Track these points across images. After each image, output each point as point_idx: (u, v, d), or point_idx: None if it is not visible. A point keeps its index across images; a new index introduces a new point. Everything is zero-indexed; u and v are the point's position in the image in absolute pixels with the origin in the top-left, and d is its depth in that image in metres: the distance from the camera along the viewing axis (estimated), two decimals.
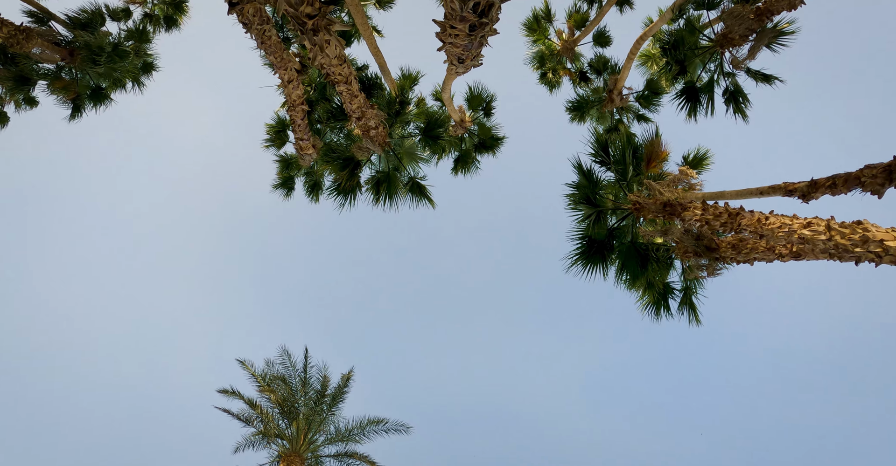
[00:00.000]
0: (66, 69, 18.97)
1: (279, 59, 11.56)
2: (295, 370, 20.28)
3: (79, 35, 18.71)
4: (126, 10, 20.66)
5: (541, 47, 18.86)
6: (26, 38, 17.46)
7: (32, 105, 19.96)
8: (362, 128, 10.88)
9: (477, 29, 6.75)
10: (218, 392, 20.09)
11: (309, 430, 19.50)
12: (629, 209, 8.55)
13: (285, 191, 15.44)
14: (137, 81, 19.79)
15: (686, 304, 9.20)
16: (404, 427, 20.06)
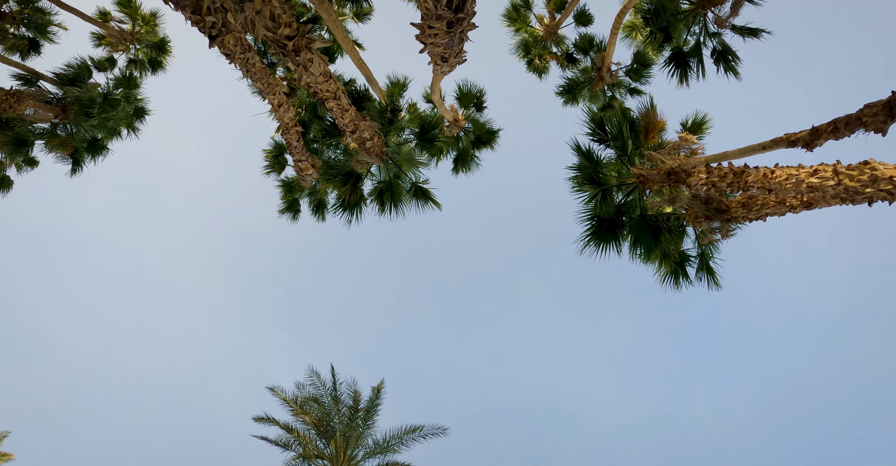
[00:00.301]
0: (61, 126, 19.24)
1: (266, 85, 11.67)
2: (325, 389, 20.36)
3: (68, 91, 18.98)
4: (111, 59, 20.95)
5: (524, 35, 18.80)
6: (18, 101, 17.75)
7: (33, 165, 20.25)
8: (357, 140, 10.94)
9: (455, 25, 6.79)
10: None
11: (347, 447, 19.51)
12: (634, 183, 8.54)
13: (292, 215, 15.52)
14: (132, 127, 20.02)
15: (704, 270, 9.14)
16: (441, 430, 20.06)
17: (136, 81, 19.98)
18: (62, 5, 19.85)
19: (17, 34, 21.10)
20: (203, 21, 11.09)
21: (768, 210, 7.08)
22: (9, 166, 20.24)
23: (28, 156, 19.43)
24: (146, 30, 21.09)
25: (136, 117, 19.91)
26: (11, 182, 20.52)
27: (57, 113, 18.85)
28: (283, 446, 19.96)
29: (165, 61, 20.97)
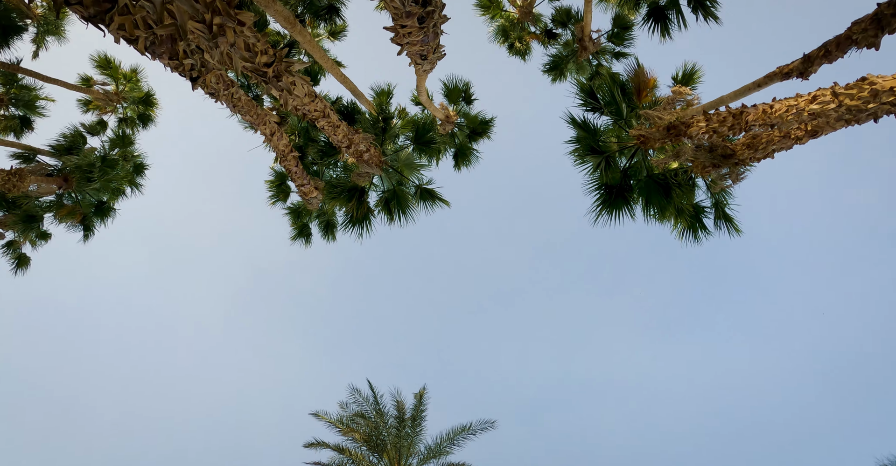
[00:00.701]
0: (66, 195, 19.53)
1: (255, 117, 11.78)
2: (369, 404, 20.43)
3: (67, 160, 19.29)
4: (101, 123, 21.27)
5: (500, 21, 18.75)
6: (20, 180, 18.04)
7: (46, 239, 20.53)
8: (354, 154, 10.99)
9: (426, 20, 6.81)
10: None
11: (400, 457, 19.46)
12: (635, 144, 8.48)
13: (304, 240, 15.60)
14: (134, 184, 20.28)
15: (721, 218, 9.03)
16: (489, 424, 20.00)
17: (129, 139, 20.25)
18: (45, 78, 20.21)
19: (7, 115, 21.51)
20: (182, 65, 11.21)
21: (774, 146, 6.98)
22: (23, 244, 20.53)
23: (40, 230, 19.71)
24: (130, 87, 21.40)
25: (137, 173, 20.17)
26: (28, 259, 20.80)
27: (60, 183, 19.15)
28: None
29: (154, 114, 21.25)
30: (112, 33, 9.70)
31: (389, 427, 20.11)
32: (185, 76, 11.72)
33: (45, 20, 23.60)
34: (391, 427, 20.13)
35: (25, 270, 20.61)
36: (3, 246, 19.85)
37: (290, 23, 11.34)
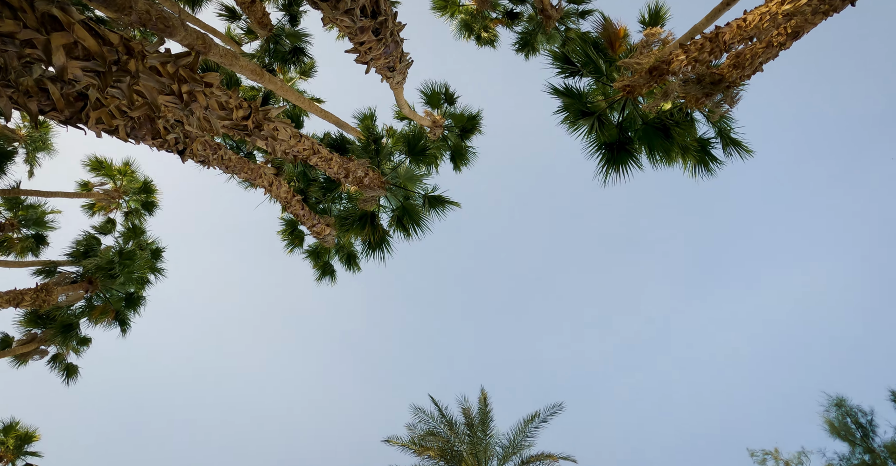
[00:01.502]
0: (94, 296, 19.86)
1: (250, 172, 11.89)
2: (434, 419, 20.35)
3: (86, 264, 19.63)
4: (109, 221, 21.67)
5: (460, 16, 18.80)
6: (48, 294, 18.40)
7: (87, 343, 20.86)
8: (354, 182, 11.03)
9: (381, 30, 6.84)
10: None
11: (479, 463, 19.23)
12: (623, 96, 8.38)
13: (329, 278, 15.68)
14: (156, 270, 20.56)
15: (729, 144, 8.84)
16: (557, 408, 19.78)
17: (140, 229, 20.59)
18: (47, 193, 20.71)
19: (21, 236, 22.02)
20: (165, 141, 11.37)
21: (760, 58, 6.84)
22: (67, 354, 20.87)
23: (79, 337, 20.02)
24: (126, 180, 21.81)
25: (155, 259, 20.45)
26: (76, 367, 21.11)
27: (85, 287, 19.47)
28: None
29: (156, 199, 21.62)
30: (93, 129, 9.85)
31: (461, 436, 19.99)
32: (172, 151, 11.87)
33: (30, 139, 24.24)
34: (463, 435, 20.03)
35: (76, 378, 20.91)
36: (49, 362, 20.21)
37: (258, 74, 11.48)
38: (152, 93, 8.41)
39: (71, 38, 6.72)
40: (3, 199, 21.25)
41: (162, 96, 8.58)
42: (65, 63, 6.79)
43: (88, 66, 7.16)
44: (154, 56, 8.17)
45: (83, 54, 7.06)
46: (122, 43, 7.60)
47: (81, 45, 6.99)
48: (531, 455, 19.48)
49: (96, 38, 7.16)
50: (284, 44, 15.97)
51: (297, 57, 15.92)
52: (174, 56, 8.47)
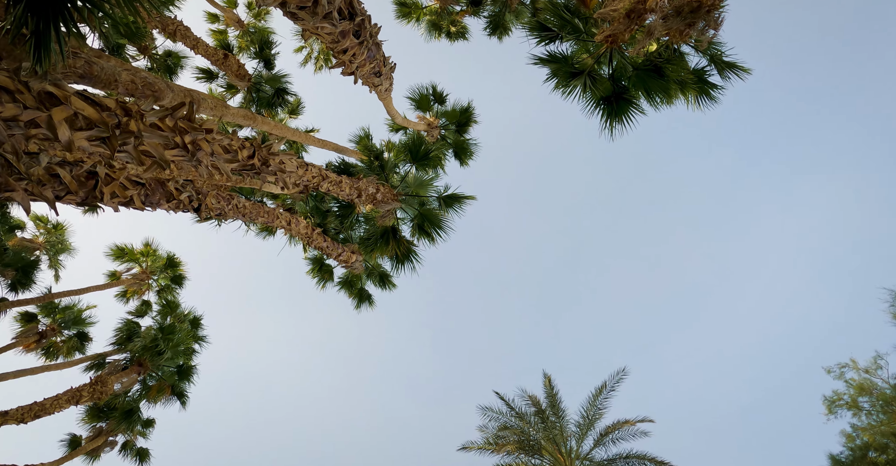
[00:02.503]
0: (147, 377, 20.07)
1: (267, 216, 12.06)
2: (504, 414, 20.22)
3: (132, 348, 19.90)
4: (144, 303, 22.02)
5: (426, 18, 18.90)
6: (103, 385, 18.64)
7: (151, 425, 21.03)
8: (368, 200, 11.14)
9: (361, 32, 6.98)
10: None
11: (559, 446, 18.90)
12: (607, 47, 8.42)
13: (367, 303, 15.72)
14: (199, 339, 20.78)
15: (724, 68, 8.78)
16: (622, 374, 19.39)
17: (174, 303, 20.87)
18: (78, 291, 21.11)
19: (65, 338, 22.40)
20: (180, 201, 11.59)
21: None
22: (135, 439, 21.03)
23: (142, 420, 20.20)
24: (151, 260, 22.20)
25: (195, 327, 20.68)
26: (147, 450, 21.24)
27: (137, 370, 19.70)
28: None
29: (183, 271, 21.96)
30: (109, 205, 10.04)
31: (534, 424, 19.71)
32: (188, 210, 12.08)
33: (49, 244, 24.85)
34: (535, 424, 19.76)
35: (149, 462, 21.00)
36: (120, 451, 20.38)
37: (251, 118, 11.73)
38: (158, 150, 8.57)
39: (70, 111, 6.88)
40: (39, 307, 21.66)
41: (168, 151, 8.74)
42: (70, 136, 6.95)
43: (93, 135, 7.30)
44: (151, 113, 8.36)
45: (85, 124, 7.22)
46: (118, 106, 7.78)
47: (82, 116, 7.15)
48: (607, 426, 19.15)
49: (94, 106, 7.33)
50: (266, 89, 16.34)
51: (282, 98, 16.25)
52: (170, 109, 8.66)
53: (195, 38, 16.64)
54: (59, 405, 17.22)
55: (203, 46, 16.90)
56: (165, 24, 16.37)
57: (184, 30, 16.43)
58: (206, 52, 16.99)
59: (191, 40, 16.58)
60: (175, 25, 16.39)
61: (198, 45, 16.74)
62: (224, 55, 16.81)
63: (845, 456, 25.15)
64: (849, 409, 26.04)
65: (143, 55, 18.64)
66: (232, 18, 19.11)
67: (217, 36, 19.26)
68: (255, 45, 18.09)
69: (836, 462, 25.00)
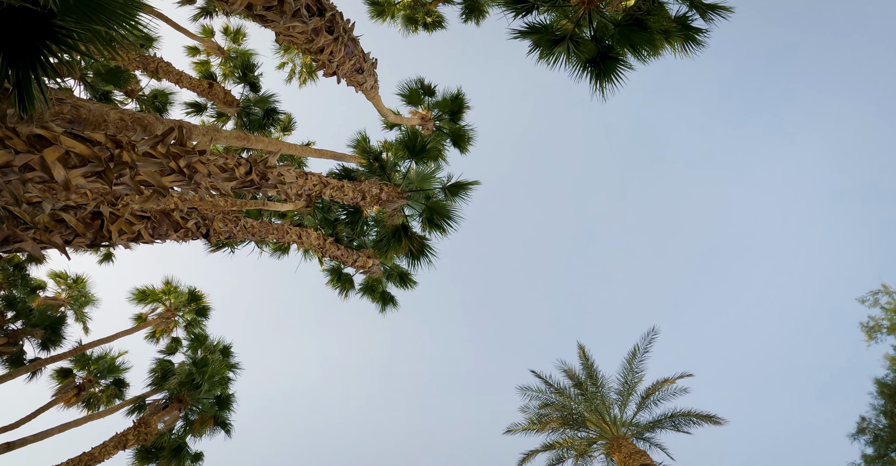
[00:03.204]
0: (188, 411, 20.18)
1: (276, 232, 12.04)
2: (543, 392, 20.05)
3: (168, 386, 20.02)
4: (174, 340, 22.18)
5: (400, 13, 18.77)
6: (147, 426, 18.78)
7: (201, 458, 21.10)
8: (373, 201, 11.08)
9: (333, 27, 6.92)
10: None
11: (603, 416, 18.63)
12: (584, 9, 8.29)
13: (391, 305, 15.70)
14: (231, 367, 20.88)
15: (706, 10, 8.56)
16: (654, 334, 19.00)
17: (203, 335, 21.02)
18: (108, 339, 21.27)
19: (103, 388, 22.59)
20: (188, 230, 11.59)
21: None
22: None
23: (191, 454, 20.29)
24: (174, 297, 22.34)
25: (226, 356, 20.77)
26: None
27: (177, 407, 19.81)
28: (559, 460, 19.69)
29: (206, 303, 22.07)
30: (119, 242, 10.04)
31: (574, 397, 19.48)
32: (197, 237, 12.07)
33: (73, 299, 25.12)
34: (576, 396, 19.52)
35: None
36: None
37: (244, 138, 11.72)
38: (155, 177, 8.53)
39: (62, 150, 6.86)
40: (72, 361, 21.87)
41: (165, 177, 8.70)
42: (66, 175, 6.93)
43: (88, 171, 7.27)
44: (143, 142, 8.34)
45: (79, 161, 7.19)
46: (109, 139, 7.76)
47: (74, 154, 7.12)
48: (647, 389, 18.86)
49: (84, 142, 7.32)
50: (255, 112, 16.45)
51: (272, 118, 16.34)
52: (160, 136, 8.65)
53: (178, 72, 16.77)
54: (107, 452, 17.36)
55: (187, 79, 17.03)
56: (146, 63, 16.51)
57: (165, 66, 16.57)
58: (191, 84, 17.12)
59: (174, 75, 16.72)
60: (156, 63, 16.52)
61: (181, 78, 16.87)
62: (209, 84, 16.94)
63: (891, 379, 25.00)
64: (889, 333, 25.92)
65: (131, 98, 18.86)
66: (212, 47, 19.22)
67: (199, 67, 19.40)
68: (238, 70, 18.21)
69: (882, 385, 24.76)
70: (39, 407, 19.47)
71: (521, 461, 19.81)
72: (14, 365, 20.93)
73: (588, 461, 19.53)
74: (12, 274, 21.85)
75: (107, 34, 5.51)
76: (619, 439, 17.25)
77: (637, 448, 16.08)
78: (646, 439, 18.90)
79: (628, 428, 18.54)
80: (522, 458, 19.82)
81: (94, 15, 5.05)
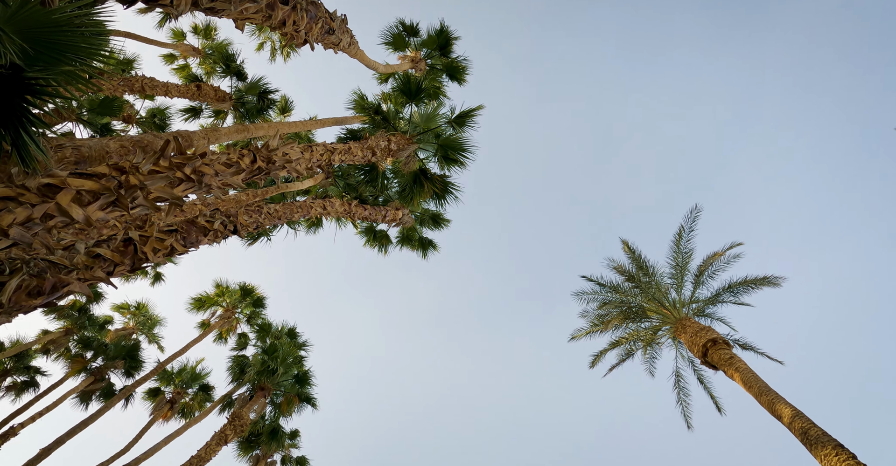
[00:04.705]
0: (273, 396, 21.10)
1: (300, 209, 12.02)
2: (598, 293, 20.11)
3: (248, 378, 20.80)
4: (241, 336, 22.90)
5: None
6: (240, 419, 19.69)
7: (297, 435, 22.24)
8: (385, 154, 10.91)
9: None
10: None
11: (661, 301, 18.67)
12: None
13: (431, 249, 15.95)
14: (300, 346, 21.65)
15: None
16: (696, 211, 18.60)
17: (266, 324, 21.78)
18: (182, 351, 21.95)
19: (191, 397, 23.65)
20: (216, 232, 11.64)
21: None
22: (289, 452, 22.55)
23: (287, 433, 21.59)
24: (228, 296, 22.95)
25: (293, 338, 21.48)
26: (304, 458, 22.67)
27: (261, 394, 20.70)
28: (628, 353, 20.20)
29: (260, 294, 22.76)
30: (156, 260, 10.14)
31: (630, 292, 19.53)
32: (227, 235, 12.14)
33: (141, 324, 25.84)
34: (630, 290, 19.55)
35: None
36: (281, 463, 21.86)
37: (243, 130, 11.54)
38: (167, 191, 8.49)
39: (72, 191, 6.84)
40: (157, 379, 22.82)
41: (176, 188, 8.67)
42: (83, 213, 6.92)
43: (103, 203, 7.25)
44: (144, 162, 8.25)
45: (91, 197, 7.16)
46: (111, 169, 7.70)
47: (84, 191, 7.10)
48: (699, 266, 18.75)
49: (90, 178, 7.27)
50: (250, 99, 16.27)
51: (268, 101, 16.19)
52: (159, 151, 8.57)
53: (164, 84, 16.58)
54: (212, 450, 18.33)
55: (174, 88, 16.82)
56: (131, 84, 16.25)
57: (149, 82, 16.32)
58: (180, 91, 16.94)
59: (160, 88, 16.52)
60: (140, 82, 16.26)
61: (169, 89, 16.66)
62: (197, 87, 16.77)
63: None
64: None
65: (130, 124, 18.82)
66: (186, 49, 18.85)
67: (181, 72, 19.21)
68: (220, 64, 17.93)
69: None
70: (142, 428, 20.53)
71: (592, 362, 20.19)
72: (107, 397, 22.08)
73: (656, 348, 19.85)
74: (78, 317, 22.68)
75: (84, 71, 5.38)
76: (681, 320, 17.33)
77: (701, 325, 16.17)
78: (707, 315, 18.90)
79: (688, 308, 18.54)
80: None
81: (61, 56, 4.89)
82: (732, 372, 13.73)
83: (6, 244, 6.08)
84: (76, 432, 17.67)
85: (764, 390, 12.43)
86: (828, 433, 10.53)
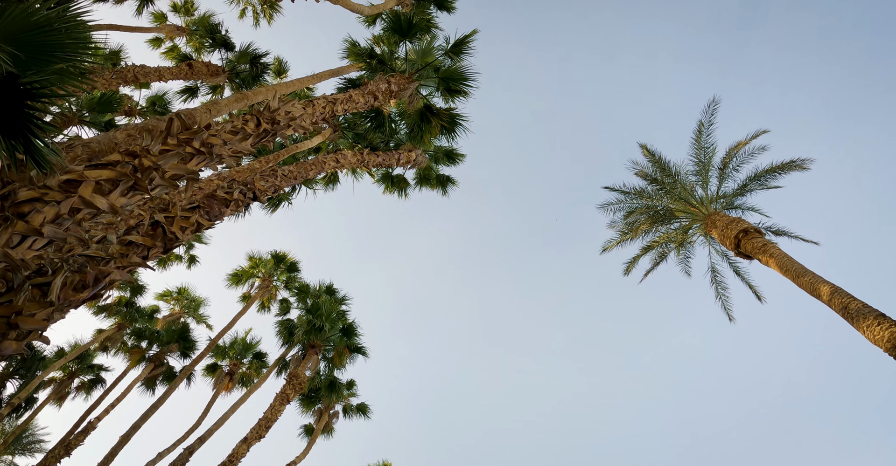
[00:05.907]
0: (324, 352, 21.81)
1: (313, 166, 11.99)
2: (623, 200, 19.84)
3: (297, 339, 21.44)
4: (282, 302, 23.43)
5: None
6: (297, 378, 20.39)
7: (353, 385, 23.08)
8: (387, 96, 10.74)
9: None
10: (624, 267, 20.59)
11: (687, 199, 18.28)
12: None
13: (451, 185, 15.98)
14: (340, 301, 22.16)
15: None
16: (714, 104, 17.88)
17: (304, 286, 22.25)
18: (230, 325, 22.61)
19: (247, 366, 24.54)
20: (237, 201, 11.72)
21: None
22: (349, 401, 23.74)
23: (343, 385, 22.61)
24: (262, 266, 23.35)
25: (331, 294, 22.00)
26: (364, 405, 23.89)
27: (312, 352, 21.35)
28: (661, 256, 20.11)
29: (292, 259, 23.17)
30: (187, 238, 10.30)
31: (654, 194, 19.07)
32: (248, 203, 12.23)
33: (186, 307, 26.63)
34: (654, 193, 19.11)
35: (370, 412, 23.37)
36: (344, 416, 22.92)
37: (242, 98, 11.43)
38: (181, 167, 8.53)
39: (92, 182, 6.91)
40: (213, 355, 23.70)
41: (189, 163, 8.70)
42: (107, 201, 7.01)
43: (123, 189, 7.31)
44: (153, 142, 8.25)
45: (111, 185, 7.21)
46: (123, 155, 7.71)
47: (103, 181, 7.15)
48: (722, 158, 18.18)
49: (105, 167, 7.30)
50: (243, 68, 16.11)
51: (262, 66, 16.06)
52: (164, 130, 8.58)
53: (156, 69, 16.43)
54: (277, 410, 19.20)
55: (167, 72, 16.68)
56: (124, 75, 16.07)
57: (141, 70, 16.15)
58: (173, 73, 16.81)
59: (153, 74, 16.37)
60: (132, 71, 16.05)
61: (162, 74, 16.51)
62: (188, 65, 16.64)
63: None
64: None
65: (133, 116, 18.85)
66: (171, 30, 18.56)
67: (171, 54, 19.03)
68: (206, 39, 17.70)
69: None
70: (208, 402, 21.51)
71: (626, 269, 20.15)
72: (170, 379, 23.16)
73: (689, 247, 19.67)
74: (127, 312, 23.56)
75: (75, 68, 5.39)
76: (711, 216, 17.01)
77: (731, 218, 15.85)
78: (737, 207, 18.37)
79: (717, 203, 18.15)
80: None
81: (51, 57, 4.91)
82: (767, 259, 13.66)
83: (42, 243, 6.21)
84: (149, 416, 18.63)
85: (801, 272, 12.39)
86: (868, 304, 10.51)
